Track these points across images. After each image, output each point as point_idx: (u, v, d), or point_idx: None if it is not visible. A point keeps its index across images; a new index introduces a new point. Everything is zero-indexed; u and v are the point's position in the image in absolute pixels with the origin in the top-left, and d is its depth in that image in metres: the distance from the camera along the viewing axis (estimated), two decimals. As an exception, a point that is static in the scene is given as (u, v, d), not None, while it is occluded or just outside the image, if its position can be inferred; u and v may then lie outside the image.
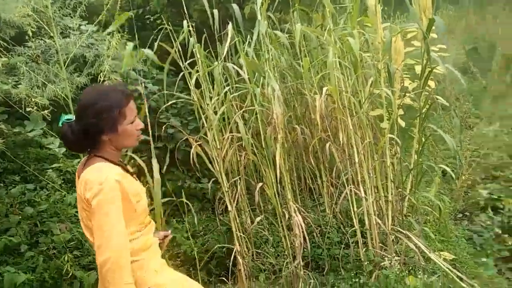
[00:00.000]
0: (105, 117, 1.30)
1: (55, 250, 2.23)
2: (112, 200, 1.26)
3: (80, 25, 2.60)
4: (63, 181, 2.43)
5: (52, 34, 2.08)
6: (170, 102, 2.84)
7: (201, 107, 2.66)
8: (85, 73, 2.34)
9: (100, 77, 2.25)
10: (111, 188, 1.26)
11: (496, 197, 4.47)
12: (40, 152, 2.40)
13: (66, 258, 2.09)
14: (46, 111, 1.94)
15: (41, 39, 2.22)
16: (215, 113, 2.66)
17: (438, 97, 2.98)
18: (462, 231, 3.81)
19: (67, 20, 2.59)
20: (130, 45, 2.38)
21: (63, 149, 2.16)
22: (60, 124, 1.35)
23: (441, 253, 2.70)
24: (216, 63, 2.72)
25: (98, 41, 2.54)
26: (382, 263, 2.41)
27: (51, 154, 2.32)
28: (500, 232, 3.79)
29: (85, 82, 2.34)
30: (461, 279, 2.32)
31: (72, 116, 1.34)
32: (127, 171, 1.45)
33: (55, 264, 2.16)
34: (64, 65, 2.16)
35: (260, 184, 2.66)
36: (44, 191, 2.39)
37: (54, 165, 2.28)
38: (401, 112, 2.92)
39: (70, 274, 2.09)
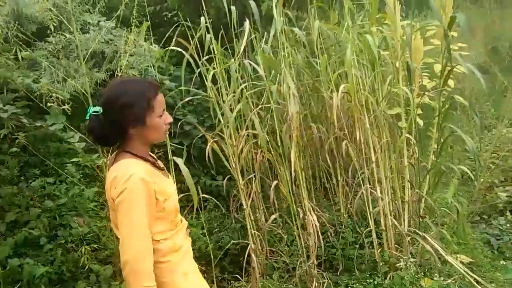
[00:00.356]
0: (133, 109, 1.26)
1: (73, 243, 2.26)
2: (135, 200, 1.22)
3: (99, 21, 2.63)
4: (82, 176, 2.47)
5: (72, 30, 2.11)
6: (187, 99, 2.85)
7: (217, 104, 2.66)
8: (104, 68, 2.36)
9: (118, 73, 2.27)
10: (135, 187, 1.22)
11: (515, 200, 4.37)
12: (60, 147, 2.43)
13: (83, 251, 2.12)
14: (66, 106, 1.96)
15: (62, 34, 2.24)
16: (231, 110, 2.66)
17: (457, 96, 2.93)
18: (480, 234, 3.74)
19: (87, 16, 2.61)
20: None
21: (83, 144, 2.19)
22: (87, 117, 1.31)
23: (458, 255, 2.65)
24: (232, 60, 2.72)
25: (116, 37, 2.56)
26: (397, 264, 2.38)
27: (70, 149, 2.35)
28: (519, 235, 3.71)
29: (104, 78, 2.36)
30: (478, 282, 2.28)
31: (99, 109, 1.29)
32: (158, 167, 1.40)
33: (73, 258, 2.19)
34: (84, 61, 2.19)
35: (275, 182, 2.66)
36: (64, 185, 2.43)
37: (73, 160, 2.32)
38: (419, 111, 2.88)
39: (87, 267, 2.13)
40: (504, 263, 2.52)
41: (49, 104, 1.95)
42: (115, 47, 2.43)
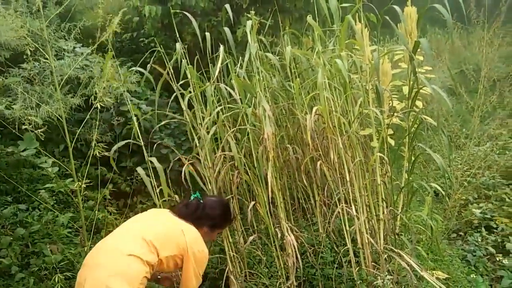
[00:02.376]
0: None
1: (46, 271, 2.19)
2: None
3: (74, 47, 2.66)
4: (55, 202, 2.43)
5: (47, 56, 2.13)
6: (163, 122, 2.87)
7: (193, 127, 2.70)
8: (79, 94, 2.38)
9: (93, 99, 2.29)
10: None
11: (489, 216, 4.49)
12: (33, 173, 2.40)
13: (56, 280, 2.06)
14: (39, 131, 1.96)
15: (36, 61, 2.26)
16: (208, 133, 2.69)
17: (426, 116, 3.05)
18: (456, 251, 3.81)
19: (62, 42, 2.64)
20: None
21: (56, 169, 2.17)
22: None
23: (434, 272, 2.69)
24: (208, 84, 2.78)
25: (92, 62, 2.59)
26: (375, 282, 2.39)
27: (44, 175, 2.32)
28: (494, 251, 3.80)
29: (79, 103, 2.37)
30: (454, 297, 2.31)
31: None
32: None
33: (46, 286, 2.12)
34: (59, 86, 2.20)
35: (253, 202, 2.67)
36: (36, 212, 2.38)
37: (47, 185, 2.28)
38: (390, 131, 2.98)
39: (61, 296, 2.06)
40: (474, 276, 2.57)
41: (23, 127, 1.94)
42: (90, 72, 2.45)
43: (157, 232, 1.77)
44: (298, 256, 2.54)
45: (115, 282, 1.55)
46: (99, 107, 2.19)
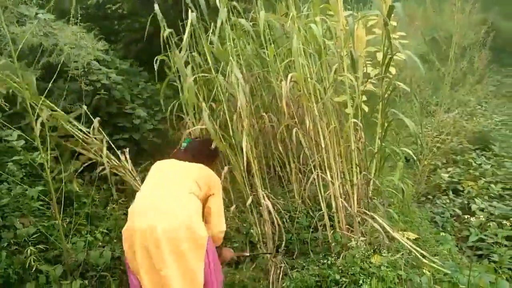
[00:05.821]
0: None
1: (18, 245, 2.15)
2: None
3: (37, 13, 2.50)
4: (24, 175, 2.35)
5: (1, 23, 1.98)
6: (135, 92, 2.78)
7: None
8: (42, 62, 2.25)
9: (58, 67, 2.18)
10: None
11: (457, 180, 4.70)
12: (-1, 146, 2.31)
13: (29, 252, 2.02)
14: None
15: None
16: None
17: (398, 83, 3.08)
18: (425, 213, 3.99)
19: (23, 8, 2.47)
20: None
21: (22, 142, 2.08)
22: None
23: (405, 233, 2.80)
24: (178, 52, 2.69)
25: (56, 29, 2.45)
26: (349, 244, 2.48)
27: (10, 147, 2.23)
28: (460, 213, 3.99)
29: (41, 74, 2.25)
30: (423, 256, 2.42)
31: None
32: None
33: (19, 260, 2.09)
34: (15, 54, 2.05)
35: (227, 167, 2.68)
36: (5, 185, 2.30)
37: (13, 158, 2.20)
38: (364, 98, 3.00)
39: (34, 268, 2.03)
40: (443, 234, 2.70)
41: (-19, 100, 1.83)
42: (54, 40, 2.32)
43: (194, 172, 1.98)
44: (278, 221, 2.59)
45: (192, 218, 1.73)
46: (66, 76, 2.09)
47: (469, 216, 3.22)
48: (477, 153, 5.35)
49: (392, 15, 2.60)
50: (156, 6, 2.55)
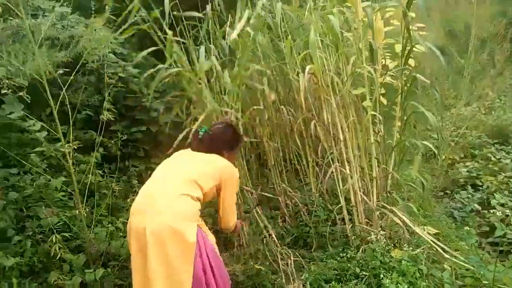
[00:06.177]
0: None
1: (42, 234, 2.18)
2: None
3: (53, 6, 2.51)
4: (47, 166, 2.37)
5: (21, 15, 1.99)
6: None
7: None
8: (61, 54, 2.26)
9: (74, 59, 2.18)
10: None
11: (475, 174, 4.60)
12: (21, 137, 2.33)
13: (54, 240, 2.05)
14: (21, 93, 1.87)
15: (8, 19, 2.13)
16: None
17: (418, 75, 3.02)
18: (444, 208, 3.92)
19: (40, 1, 2.49)
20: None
21: (44, 133, 2.10)
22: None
23: (425, 227, 2.76)
24: (198, 47, 2.67)
25: (73, 22, 2.46)
26: (368, 238, 2.45)
27: (33, 139, 2.26)
28: (480, 208, 3.91)
29: (61, 62, 2.26)
30: (445, 250, 2.38)
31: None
32: None
33: (44, 249, 2.12)
34: (36, 46, 2.06)
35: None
36: (28, 176, 2.33)
37: (36, 149, 2.22)
38: (382, 90, 2.95)
39: (59, 256, 2.06)
40: (467, 229, 2.65)
41: (3, 92, 1.84)
42: (70, 32, 2.32)
43: (195, 170, 1.88)
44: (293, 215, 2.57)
45: (179, 222, 1.65)
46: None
47: (493, 210, 3.14)
48: (496, 148, 5.24)
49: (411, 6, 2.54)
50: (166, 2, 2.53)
